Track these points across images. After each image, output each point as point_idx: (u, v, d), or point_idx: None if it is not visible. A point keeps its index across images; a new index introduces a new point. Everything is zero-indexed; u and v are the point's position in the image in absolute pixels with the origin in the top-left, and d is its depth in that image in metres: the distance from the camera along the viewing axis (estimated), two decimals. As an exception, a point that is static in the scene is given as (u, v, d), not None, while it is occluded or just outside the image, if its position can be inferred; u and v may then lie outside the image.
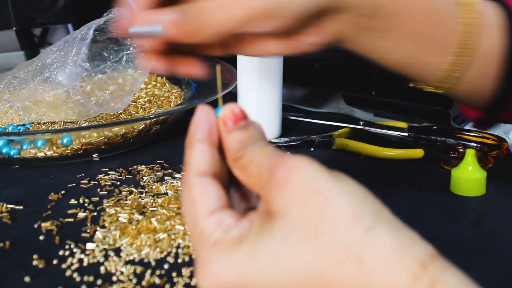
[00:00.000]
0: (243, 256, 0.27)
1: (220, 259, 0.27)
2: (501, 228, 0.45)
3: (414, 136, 0.63)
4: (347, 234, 0.25)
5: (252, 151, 0.30)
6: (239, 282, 0.27)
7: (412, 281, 0.24)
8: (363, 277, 0.24)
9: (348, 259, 0.25)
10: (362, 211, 0.26)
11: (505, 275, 0.39)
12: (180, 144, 0.68)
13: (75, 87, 0.62)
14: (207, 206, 0.29)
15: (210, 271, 0.27)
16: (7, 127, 0.66)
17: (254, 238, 0.27)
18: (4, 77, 0.70)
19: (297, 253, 0.26)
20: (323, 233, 0.25)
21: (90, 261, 0.41)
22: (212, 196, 0.29)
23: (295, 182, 0.27)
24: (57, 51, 0.66)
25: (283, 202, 0.27)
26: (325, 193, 0.26)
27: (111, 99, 0.68)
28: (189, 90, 0.76)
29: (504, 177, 0.55)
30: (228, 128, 0.31)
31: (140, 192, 0.52)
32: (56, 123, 0.67)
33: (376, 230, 0.25)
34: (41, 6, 0.97)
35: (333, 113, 0.77)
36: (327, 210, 0.26)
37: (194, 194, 0.29)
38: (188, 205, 0.29)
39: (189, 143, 0.31)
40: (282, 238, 0.26)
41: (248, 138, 0.30)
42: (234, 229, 0.28)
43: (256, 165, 0.29)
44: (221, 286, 0.27)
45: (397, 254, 0.25)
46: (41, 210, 0.50)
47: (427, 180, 0.55)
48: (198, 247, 0.28)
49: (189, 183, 0.30)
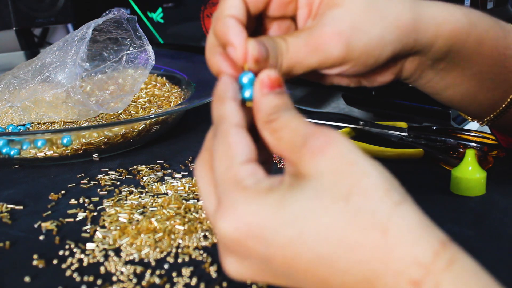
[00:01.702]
0: (272, 204, 0.27)
1: (248, 203, 0.27)
2: (501, 228, 0.45)
3: (414, 136, 0.63)
4: (377, 204, 0.26)
5: (286, 115, 0.30)
6: (262, 228, 0.27)
7: (433, 257, 0.25)
8: (386, 246, 0.25)
9: (374, 226, 0.26)
10: (392, 187, 0.27)
11: (505, 275, 0.39)
12: (180, 144, 0.68)
13: (75, 86, 0.62)
14: (244, 154, 0.29)
15: (234, 213, 0.27)
16: (7, 127, 0.66)
17: (284, 191, 0.27)
18: (4, 77, 0.70)
19: (326, 211, 0.26)
20: (354, 198, 0.26)
21: (90, 261, 0.41)
22: (248, 146, 0.30)
23: (332, 151, 0.27)
24: (57, 51, 0.66)
25: (317, 166, 0.27)
26: (360, 165, 0.27)
27: (111, 99, 0.68)
28: (189, 90, 0.76)
29: (504, 177, 0.55)
30: (264, 91, 0.31)
31: (140, 192, 0.52)
32: (56, 123, 0.67)
33: (403, 206, 0.26)
34: (41, 6, 0.97)
35: (333, 113, 0.77)
36: (362, 180, 0.27)
37: (232, 141, 0.29)
38: (223, 151, 0.29)
39: (220, 99, 0.32)
40: (313, 195, 0.27)
41: (282, 103, 0.31)
42: (266, 181, 0.28)
43: (290, 129, 0.29)
44: (244, 228, 0.27)
45: (421, 231, 0.26)
46: (41, 210, 0.50)
47: (427, 180, 0.55)
48: (225, 190, 0.28)
49: (226, 131, 0.30)
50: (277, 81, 0.31)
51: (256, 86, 0.31)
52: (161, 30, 0.99)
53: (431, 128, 0.64)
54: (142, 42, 0.70)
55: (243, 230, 0.27)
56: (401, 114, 0.74)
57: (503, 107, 0.45)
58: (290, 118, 0.30)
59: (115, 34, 0.69)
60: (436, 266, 0.25)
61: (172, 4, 0.96)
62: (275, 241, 0.27)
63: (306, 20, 0.37)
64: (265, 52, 0.33)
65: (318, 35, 0.34)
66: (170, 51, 0.94)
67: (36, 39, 1.16)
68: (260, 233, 0.27)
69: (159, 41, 1.00)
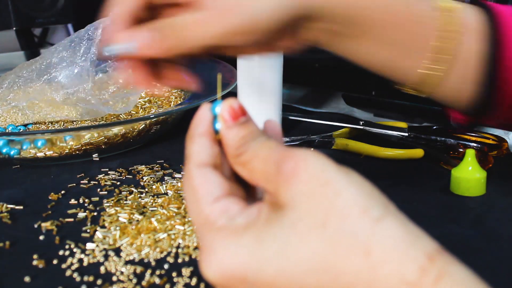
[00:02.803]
0: (250, 242, 0.26)
1: (226, 245, 0.27)
2: (501, 228, 0.45)
3: (414, 136, 0.63)
4: (356, 225, 0.25)
5: (254, 146, 0.29)
6: (244, 269, 0.26)
7: (420, 274, 0.24)
8: (370, 268, 0.24)
9: (356, 249, 0.25)
10: (371, 203, 0.26)
11: (505, 275, 0.39)
12: (180, 144, 0.68)
13: (86, 87, 0.62)
14: (210, 193, 0.29)
15: (215, 259, 0.27)
16: (7, 127, 0.66)
17: (261, 225, 0.27)
18: (6, 77, 0.70)
19: (305, 242, 0.25)
20: (332, 223, 0.25)
21: (90, 261, 0.41)
22: (214, 184, 0.29)
23: (303, 174, 0.27)
24: (63, 51, 0.66)
25: (291, 193, 0.27)
26: (334, 184, 0.26)
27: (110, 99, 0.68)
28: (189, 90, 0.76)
29: (504, 177, 0.55)
30: (228, 124, 0.30)
31: (140, 192, 0.52)
32: (57, 123, 0.67)
33: (384, 222, 0.25)
34: (41, 6, 0.97)
35: (333, 113, 0.77)
36: (336, 201, 0.26)
37: (196, 184, 0.29)
38: (191, 195, 0.29)
39: (190, 137, 0.31)
40: (290, 227, 0.26)
41: (249, 133, 0.30)
42: (240, 217, 0.28)
43: (260, 159, 0.29)
44: (227, 274, 0.27)
45: (405, 247, 0.25)
46: (41, 210, 0.50)
47: (427, 180, 0.55)
48: (202, 235, 0.28)
49: (191, 174, 0.30)
50: (240, 110, 0.30)
51: (219, 120, 0.31)
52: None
53: (431, 128, 0.64)
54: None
55: (226, 275, 0.27)
56: (401, 114, 0.74)
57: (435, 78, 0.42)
58: (259, 147, 0.29)
59: (118, 33, 0.69)
60: (423, 282, 0.24)
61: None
62: (259, 281, 0.26)
63: None
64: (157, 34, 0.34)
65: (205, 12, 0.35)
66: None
67: (36, 39, 1.17)
68: (243, 275, 0.26)
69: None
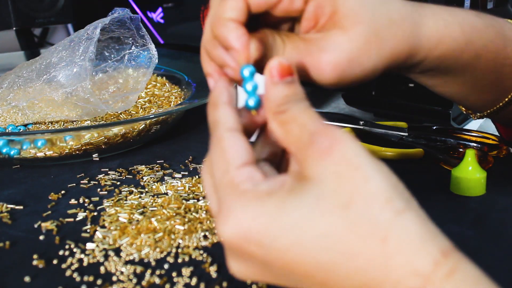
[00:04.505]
0: (271, 209, 0.27)
1: (247, 208, 0.27)
2: (501, 228, 0.45)
3: (414, 136, 0.63)
4: (378, 213, 0.26)
5: (296, 108, 0.30)
6: (262, 233, 0.27)
7: (433, 267, 0.25)
8: (385, 255, 0.25)
9: (374, 235, 0.25)
10: (395, 194, 0.27)
11: (505, 275, 0.39)
12: (180, 144, 0.68)
13: (85, 85, 0.62)
14: (239, 157, 0.29)
15: (234, 218, 0.27)
16: (7, 127, 0.66)
17: (284, 194, 0.27)
18: (6, 77, 0.70)
19: (326, 218, 0.26)
20: (355, 206, 0.26)
21: (90, 261, 0.41)
22: (243, 148, 0.29)
23: (337, 154, 0.27)
24: (62, 50, 0.66)
25: (320, 169, 0.27)
26: (364, 171, 0.27)
27: (110, 99, 0.68)
28: (189, 90, 0.76)
29: (504, 177, 0.55)
30: (274, 80, 0.30)
31: (140, 192, 0.52)
32: (57, 123, 0.67)
33: (405, 215, 0.26)
34: (41, 6, 0.97)
35: (333, 113, 0.77)
36: (363, 187, 0.26)
37: (226, 146, 0.29)
38: (219, 156, 0.29)
39: (214, 104, 0.32)
40: (314, 201, 0.26)
41: (293, 94, 0.30)
42: (264, 184, 0.28)
43: (298, 124, 0.29)
44: (243, 234, 0.27)
45: (422, 241, 0.25)
46: (41, 210, 0.50)
47: (427, 180, 0.55)
48: (224, 195, 0.28)
49: (220, 136, 0.30)
50: (288, 69, 0.30)
51: (266, 74, 0.31)
52: (161, 30, 0.99)
53: (431, 128, 0.64)
54: (144, 41, 0.70)
55: (242, 235, 0.27)
56: (401, 114, 0.74)
57: (496, 108, 0.45)
58: (300, 111, 0.29)
59: (118, 33, 0.69)
60: (436, 276, 0.24)
61: (172, 4, 0.96)
62: (274, 247, 0.27)
63: (309, 30, 0.36)
64: (263, 51, 0.33)
65: (315, 58, 0.34)
66: (170, 51, 0.94)
67: (36, 39, 1.17)
68: (259, 239, 0.27)
69: (159, 41, 1.00)
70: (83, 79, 0.62)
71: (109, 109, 0.65)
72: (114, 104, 0.67)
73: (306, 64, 0.34)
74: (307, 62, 0.34)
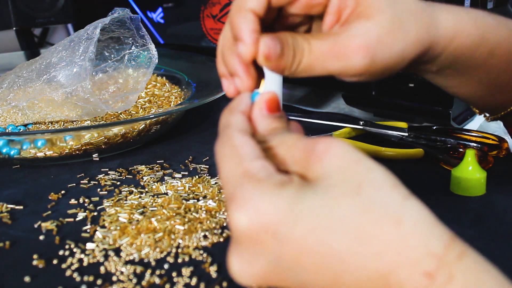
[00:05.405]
0: (287, 198, 0.27)
1: (265, 195, 0.27)
2: (501, 228, 0.45)
3: (414, 136, 0.63)
4: (388, 197, 0.27)
5: (281, 135, 0.31)
6: (279, 220, 0.27)
7: (444, 250, 0.25)
8: (401, 237, 0.26)
9: (387, 218, 0.26)
10: (399, 182, 0.28)
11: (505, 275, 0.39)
12: (180, 144, 0.68)
13: (85, 85, 0.62)
14: (252, 152, 0.30)
15: (252, 206, 0.27)
16: (7, 127, 0.66)
17: (297, 186, 0.28)
18: (6, 77, 0.70)
19: (338, 206, 0.27)
20: (365, 192, 0.27)
21: (90, 261, 0.41)
22: (254, 148, 0.30)
23: (336, 152, 0.28)
24: (62, 51, 0.66)
25: (324, 168, 0.28)
26: (366, 162, 0.28)
27: (110, 99, 0.68)
28: (189, 90, 0.76)
29: (504, 177, 0.55)
30: (262, 113, 0.33)
31: (140, 192, 0.52)
32: (57, 123, 0.67)
33: (411, 200, 0.27)
34: (41, 6, 0.97)
35: (333, 113, 0.77)
36: (369, 175, 0.27)
37: (237, 143, 0.30)
38: (230, 151, 0.30)
39: (230, 110, 0.33)
40: (324, 192, 0.27)
41: (281, 128, 0.32)
42: (278, 176, 0.29)
43: (286, 146, 0.30)
44: (261, 222, 0.27)
45: (431, 224, 0.27)
46: (41, 210, 0.50)
47: (427, 180, 0.55)
48: (238, 184, 0.28)
49: (231, 135, 0.31)
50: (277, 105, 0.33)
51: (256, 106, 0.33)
52: (161, 30, 0.99)
53: (431, 128, 0.64)
54: (144, 41, 0.70)
55: (260, 223, 0.27)
56: (401, 114, 0.74)
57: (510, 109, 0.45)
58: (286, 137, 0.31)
59: (118, 33, 0.69)
60: (448, 257, 0.25)
61: (172, 4, 0.96)
62: (289, 237, 0.27)
63: (333, 25, 0.36)
64: (279, 49, 0.33)
65: (345, 44, 0.34)
66: (170, 51, 0.94)
67: (36, 39, 1.17)
68: (275, 227, 0.27)
69: (159, 41, 1.00)
70: (83, 79, 0.62)
71: (109, 109, 0.65)
72: (114, 104, 0.67)
73: (335, 55, 0.34)
74: (336, 52, 0.34)
